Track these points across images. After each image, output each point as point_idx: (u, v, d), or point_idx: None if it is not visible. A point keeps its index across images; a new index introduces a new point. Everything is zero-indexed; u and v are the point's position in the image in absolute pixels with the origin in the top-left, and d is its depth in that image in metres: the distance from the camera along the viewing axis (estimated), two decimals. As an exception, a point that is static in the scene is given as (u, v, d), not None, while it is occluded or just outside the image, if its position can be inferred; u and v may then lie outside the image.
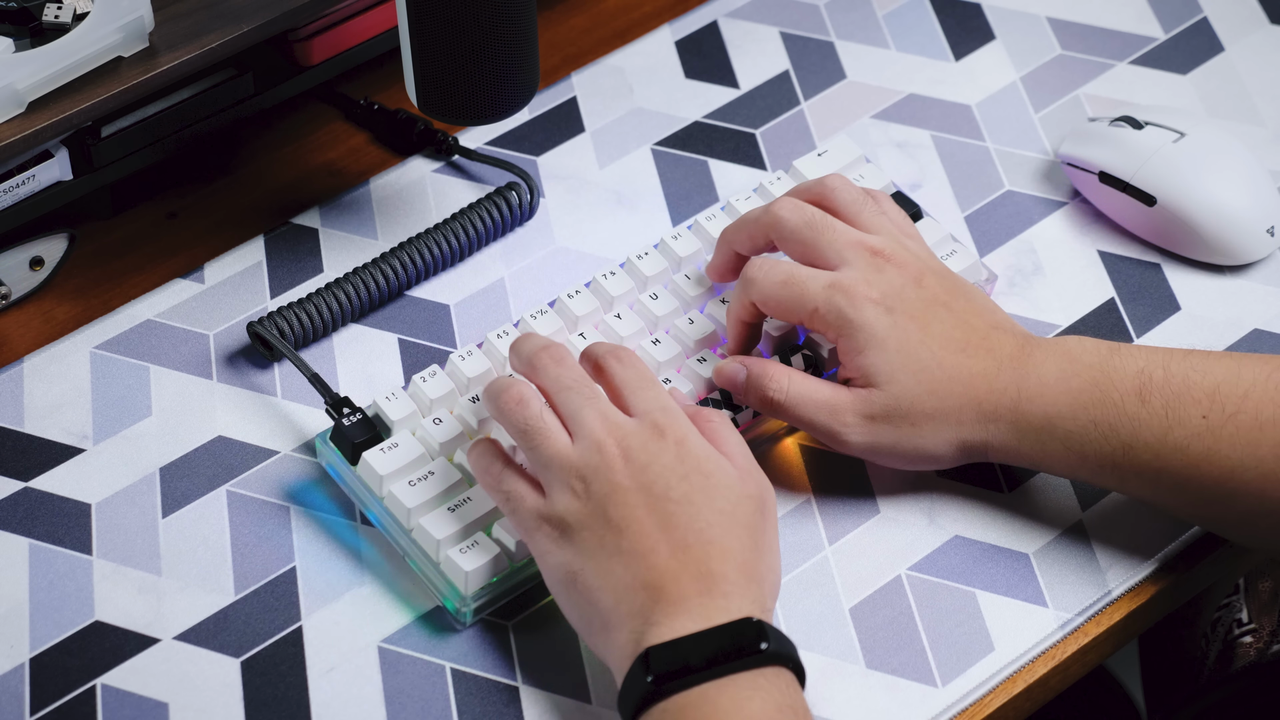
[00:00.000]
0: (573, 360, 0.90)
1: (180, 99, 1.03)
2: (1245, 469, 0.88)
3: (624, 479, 0.84)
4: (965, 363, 0.91)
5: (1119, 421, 0.89)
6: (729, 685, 0.80)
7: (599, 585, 0.84)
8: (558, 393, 0.88)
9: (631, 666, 0.81)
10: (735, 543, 0.84)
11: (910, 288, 0.92)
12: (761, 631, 0.81)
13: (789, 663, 0.82)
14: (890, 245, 0.93)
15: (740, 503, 0.85)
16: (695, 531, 0.83)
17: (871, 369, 0.90)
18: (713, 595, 0.82)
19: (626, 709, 0.82)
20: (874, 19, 1.17)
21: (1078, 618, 0.92)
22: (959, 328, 0.91)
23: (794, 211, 0.94)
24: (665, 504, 0.84)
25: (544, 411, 0.87)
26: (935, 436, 0.91)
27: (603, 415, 0.87)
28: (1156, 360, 0.90)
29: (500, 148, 1.10)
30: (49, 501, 0.95)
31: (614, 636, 0.83)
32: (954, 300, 0.92)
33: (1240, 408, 0.88)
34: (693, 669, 0.80)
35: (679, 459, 0.85)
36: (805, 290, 0.91)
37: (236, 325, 1.02)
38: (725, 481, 0.85)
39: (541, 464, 0.87)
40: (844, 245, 0.93)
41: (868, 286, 0.91)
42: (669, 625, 0.82)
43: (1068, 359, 0.91)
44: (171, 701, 0.88)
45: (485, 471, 0.89)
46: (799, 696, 0.82)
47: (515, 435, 0.88)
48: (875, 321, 0.90)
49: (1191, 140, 1.05)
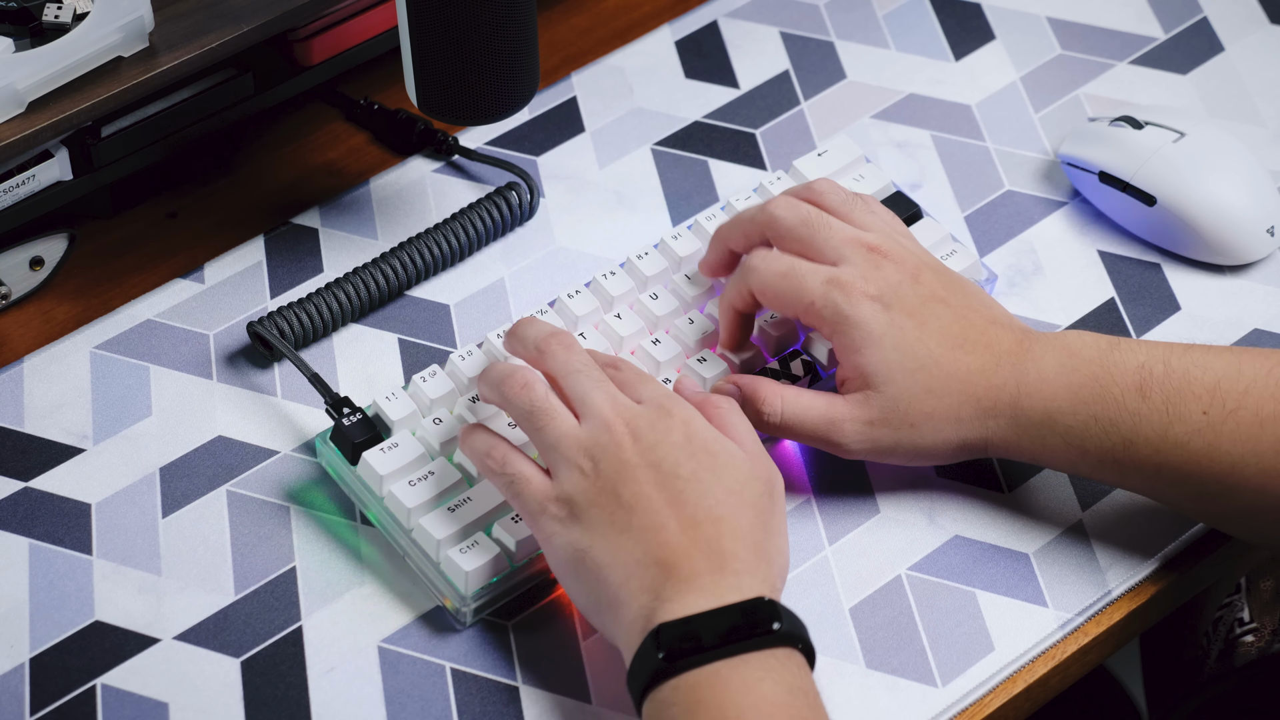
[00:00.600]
0: (580, 346, 0.90)
1: (180, 99, 1.03)
2: (1246, 465, 0.88)
3: (633, 456, 0.85)
4: (963, 359, 0.91)
5: (1119, 416, 0.89)
6: (740, 665, 0.80)
7: (608, 562, 0.84)
8: (566, 376, 0.88)
9: (642, 643, 0.81)
10: (744, 521, 0.84)
11: (907, 284, 0.92)
12: (774, 611, 0.81)
13: (800, 644, 0.82)
14: (886, 242, 0.93)
15: (748, 483, 0.85)
16: (704, 509, 0.84)
17: (868, 368, 0.90)
18: (724, 573, 0.82)
19: (636, 686, 0.82)
20: (874, 19, 1.17)
21: (1078, 618, 0.92)
22: (956, 323, 0.91)
23: (790, 210, 0.94)
24: (674, 481, 0.84)
25: (549, 394, 0.88)
26: (935, 435, 0.91)
27: (611, 397, 0.87)
28: (1157, 355, 0.90)
29: (500, 148, 1.10)
30: (49, 501, 0.95)
31: (623, 613, 0.83)
32: (951, 296, 0.92)
33: (1241, 403, 0.88)
34: (705, 646, 0.80)
35: (686, 438, 0.85)
36: (804, 283, 0.91)
37: (236, 325, 1.02)
38: (732, 462, 0.86)
39: (548, 445, 0.87)
40: (841, 242, 0.93)
41: (865, 283, 0.91)
42: (680, 602, 0.81)
43: (1067, 353, 0.91)
44: (171, 701, 0.88)
45: (487, 456, 0.89)
46: (809, 680, 0.82)
47: (520, 418, 0.88)
48: (872, 319, 0.90)
49: (1191, 140, 1.05)
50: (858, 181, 1.04)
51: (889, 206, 1.03)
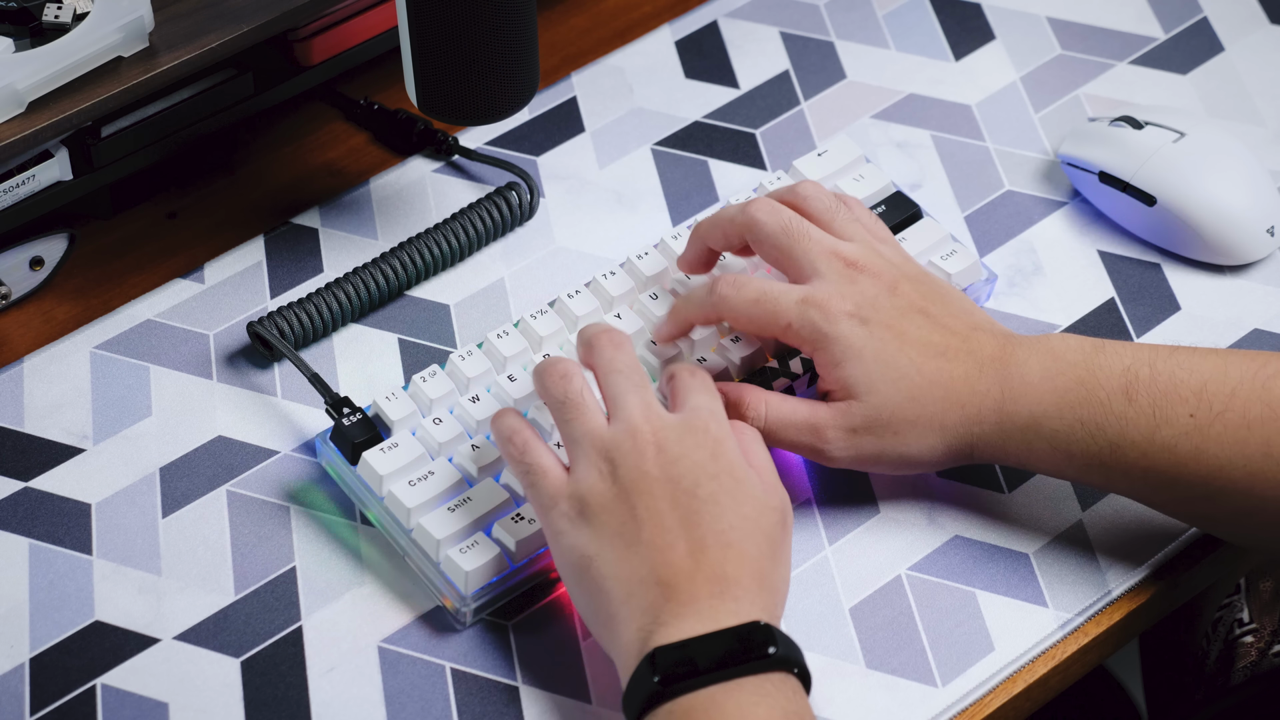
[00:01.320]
0: (631, 348, 0.89)
1: (180, 99, 1.03)
2: (1233, 467, 0.88)
3: (653, 468, 0.84)
4: (945, 367, 0.90)
5: (1105, 420, 0.89)
6: (735, 690, 0.80)
7: (611, 575, 0.83)
8: (608, 374, 0.88)
9: (638, 666, 0.81)
10: (753, 549, 0.84)
11: (884, 297, 0.91)
12: (770, 636, 0.81)
13: (795, 668, 0.82)
14: (864, 254, 0.92)
15: (765, 512, 0.85)
16: (716, 533, 0.83)
17: (850, 380, 0.90)
18: (724, 599, 0.82)
19: (631, 709, 0.82)
20: (874, 19, 1.17)
21: (1078, 618, 0.92)
22: (937, 332, 0.91)
23: (771, 215, 0.93)
24: (691, 500, 0.84)
25: (585, 389, 0.87)
26: (919, 442, 0.91)
27: (645, 404, 0.86)
28: (1143, 358, 0.90)
29: (500, 148, 1.10)
30: (49, 501, 0.95)
31: (621, 632, 0.83)
32: (930, 305, 0.92)
33: (1228, 406, 0.88)
34: (700, 670, 0.80)
35: (712, 457, 0.85)
36: (778, 307, 0.91)
37: (236, 325, 1.02)
38: (753, 491, 0.85)
39: (573, 439, 0.86)
40: (818, 255, 0.92)
41: (841, 299, 0.90)
42: (677, 626, 0.81)
43: (1052, 357, 0.90)
44: (171, 701, 0.88)
45: (509, 440, 0.88)
46: (805, 704, 0.81)
47: (553, 407, 0.88)
48: (850, 334, 0.90)
49: (1191, 140, 1.05)
50: (858, 181, 1.04)
51: (889, 206, 1.03)
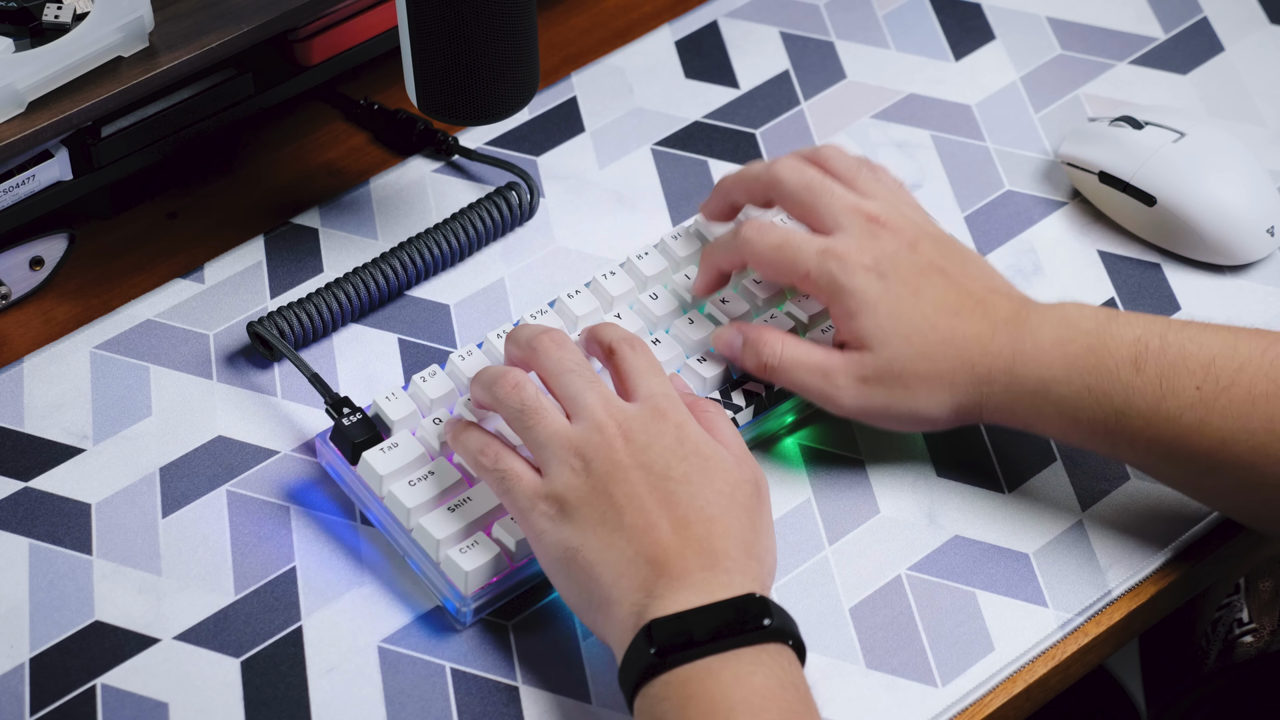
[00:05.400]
0: (573, 345, 0.90)
1: (180, 99, 1.03)
2: (1236, 441, 0.88)
3: (625, 457, 0.85)
4: (959, 325, 0.91)
5: (1113, 388, 0.89)
6: (731, 660, 0.81)
7: (599, 561, 0.84)
8: (559, 375, 0.89)
9: (633, 639, 0.82)
10: (735, 522, 0.85)
11: (904, 253, 0.92)
12: (765, 607, 0.82)
13: (790, 639, 0.82)
14: (886, 211, 0.94)
15: (738, 485, 0.86)
16: (696, 509, 0.84)
17: (864, 332, 0.91)
18: (715, 571, 0.83)
19: (627, 682, 0.82)
20: (874, 19, 1.17)
21: (1078, 618, 0.92)
22: (953, 291, 0.92)
23: (795, 172, 0.95)
24: (666, 483, 0.85)
25: (540, 393, 0.88)
26: (929, 398, 0.91)
27: (603, 398, 0.87)
28: (1154, 329, 0.90)
29: (500, 148, 1.10)
30: (49, 501, 0.95)
31: (614, 611, 0.83)
32: (949, 265, 0.93)
33: (1234, 380, 0.88)
34: (696, 642, 0.81)
35: (679, 441, 0.86)
36: (799, 255, 0.92)
37: (236, 325, 1.02)
38: (723, 465, 0.86)
39: (539, 443, 0.87)
40: (840, 210, 0.93)
41: (860, 252, 0.92)
42: (672, 599, 0.82)
43: (1065, 324, 0.91)
44: (171, 701, 0.88)
45: (479, 452, 0.89)
46: (800, 674, 0.82)
47: (511, 417, 0.88)
48: (867, 287, 0.91)
49: (1191, 140, 1.05)
50: (858, 181, 1.05)
51: (889, 206, 1.03)
